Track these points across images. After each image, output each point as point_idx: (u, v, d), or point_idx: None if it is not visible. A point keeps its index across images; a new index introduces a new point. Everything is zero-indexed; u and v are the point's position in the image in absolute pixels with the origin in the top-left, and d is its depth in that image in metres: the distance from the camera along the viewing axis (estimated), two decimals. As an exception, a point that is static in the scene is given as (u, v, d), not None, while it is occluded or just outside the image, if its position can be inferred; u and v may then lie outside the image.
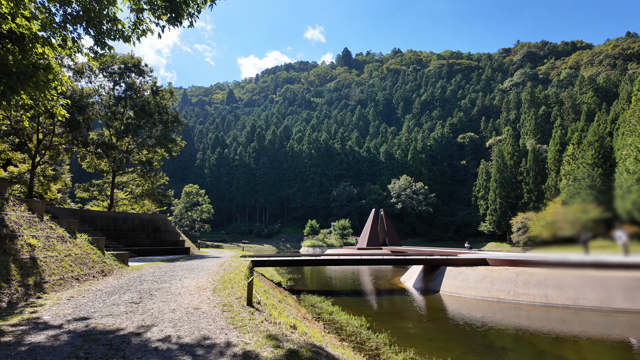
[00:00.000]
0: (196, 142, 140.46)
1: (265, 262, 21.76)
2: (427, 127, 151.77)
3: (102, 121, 33.91)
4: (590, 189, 66.53)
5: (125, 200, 37.71)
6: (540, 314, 15.65)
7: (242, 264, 17.61)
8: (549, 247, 19.78)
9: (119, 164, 32.84)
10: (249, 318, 6.31)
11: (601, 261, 15.36)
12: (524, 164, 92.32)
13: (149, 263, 17.34)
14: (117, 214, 28.93)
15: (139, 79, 34.55)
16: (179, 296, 8.39)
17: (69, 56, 11.83)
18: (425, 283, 21.67)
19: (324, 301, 16.52)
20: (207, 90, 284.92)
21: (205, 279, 11.46)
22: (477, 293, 18.15)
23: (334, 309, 14.55)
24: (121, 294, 8.59)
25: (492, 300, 17.42)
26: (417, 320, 14.47)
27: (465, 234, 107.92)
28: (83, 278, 10.10)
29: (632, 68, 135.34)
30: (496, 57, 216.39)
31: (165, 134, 33.26)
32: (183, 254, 27.74)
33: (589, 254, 17.26)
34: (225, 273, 12.92)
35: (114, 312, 6.70)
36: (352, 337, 10.66)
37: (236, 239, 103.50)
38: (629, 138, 57.45)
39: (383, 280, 27.59)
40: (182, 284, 10.27)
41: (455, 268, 20.54)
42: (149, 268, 14.56)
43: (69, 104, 25.58)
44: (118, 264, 13.43)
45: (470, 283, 18.75)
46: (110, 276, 11.36)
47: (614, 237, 15.59)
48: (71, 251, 11.02)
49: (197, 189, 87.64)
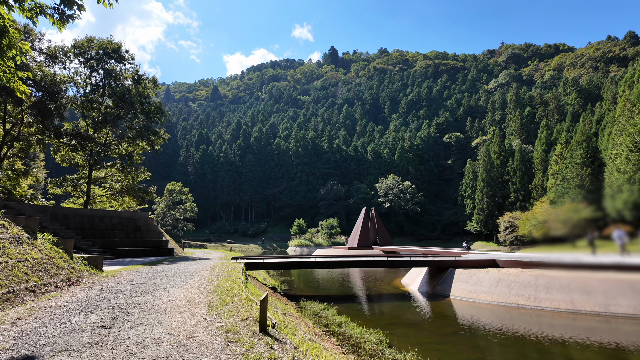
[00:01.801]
0: (179, 139, 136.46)
1: (260, 265, 19.76)
2: (413, 127, 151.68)
3: (77, 111, 31.19)
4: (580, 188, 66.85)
5: (104, 197, 35.02)
6: (566, 322, 14.23)
7: (236, 267, 15.62)
8: (540, 246, 18.77)
9: (96, 157, 30.24)
10: (268, 357, 4.44)
11: (629, 263, 14.00)
12: (511, 163, 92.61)
13: (128, 267, 15.19)
14: (93, 212, 26.45)
15: (119, 66, 31.99)
16: (164, 315, 6.45)
17: (29, 18, 9.61)
18: (433, 287, 20.09)
19: (327, 309, 14.71)
20: (190, 87, 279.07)
21: (196, 288, 9.48)
22: (492, 298, 16.66)
23: (342, 319, 12.76)
24: (88, 312, 6.60)
25: (511, 306, 15.95)
26: (439, 332, 12.82)
27: (451, 233, 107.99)
28: (42, 289, 8.03)
29: (613, 70, 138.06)
30: (481, 58, 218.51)
31: (148, 126, 30.78)
32: (167, 255, 25.49)
33: (596, 253, 16.13)
34: (219, 280, 10.94)
35: (73, 345, 4.75)
36: (375, 358, 8.89)
37: (221, 238, 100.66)
38: (619, 137, 57.57)
39: (382, 283, 25.95)
40: (169, 296, 8.30)
41: (465, 270, 19.03)
42: (128, 274, 12.45)
43: (30, 78, 22.86)
44: (89, 270, 11.29)
45: (485, 287, 17.26)
46: (78, 286, 9.28)
47: (612, 237, 14.59)
48: (28, 255, 8.91)
49: (180, 186, 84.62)
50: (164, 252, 25.81)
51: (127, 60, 32.09)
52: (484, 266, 19.65)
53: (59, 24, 8.58)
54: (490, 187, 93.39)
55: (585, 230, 14.27)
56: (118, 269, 13.89)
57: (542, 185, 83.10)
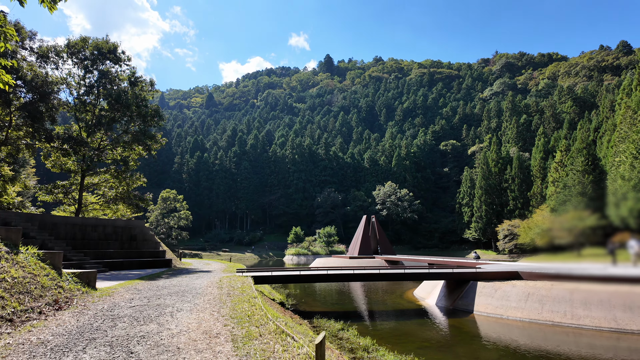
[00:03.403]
0: (174, 146, 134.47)
1: (268, 279, 18.20)
2: (409, 134, 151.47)
3: (69, 114, 29.60)
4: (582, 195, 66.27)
5: (96, 205, 33.27)
6: (609, 343, 12.92)
7: (245, 282, 14.13)
8: (543, 255, 18.02)
9: (89, 162, 28.57)
10: None
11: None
12: (509, 171, 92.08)
13: (125, 282, 13.63)
14: (85, 220, 24.76)
15: (114, 68, 30.53)
16: (179, 356, 5.02)
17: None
18: (453, 301, 18.71)
19: (346, 329, 13.26)
20: (185, 94, 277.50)
21: (209, 312, 8.03)
22: (523, 314, 15.32)
23: (367, 343, 11.32)
24: (79, 352, 5.14)
25: (545, 323, 14.62)
26: (478, 357, 11.43)
27: (449, 242, 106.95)
28: (22, 317, 6.55)
29: (607, 79, 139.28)
30: (476, 66, 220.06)
31: (144, 130, 29.24)
32: (164, 267, 23.86)
33: (617, 264, 15.01)
34: (233, 301, 9.46)
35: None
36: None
37: (216, 247, 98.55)
38: (622, 145, 57.07)
39: (393, 296, 24.48)
40: (178, 325, 6.85)
41: (488, 284, 17.69)
42: (125, 292, 10.93)
43: (14, 67, 21.28)
44: (81, 289, 9.76)
45: (513, 302, 15.93)
46: (68, 310, 7.78)
47: (626, 246, 13.11)
48: (6, 274, 7.41)
49: (174, 194, 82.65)
50: (161, 264, 24.18)
51: (124, 62, 30.65)
52: (506, 278, 18.35)
53: (49, 3, 7.21)
54: (488, 194, 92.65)
55: (591, 239, 13.62)
56: (113, 286, 12.34)
57: (541, 193, 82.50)
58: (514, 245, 76.87)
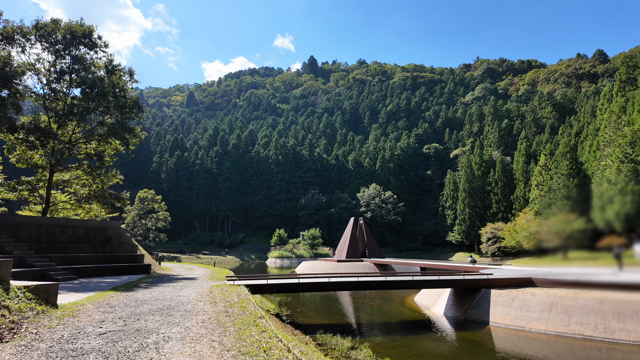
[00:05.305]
0: (153, 145, 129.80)
1: (263, 288, 16.18)
2: (393, 137, 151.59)
3: (37, 103, 26.79)
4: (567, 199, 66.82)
5: (67, 204, 30.43)
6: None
7: (240, 294, 12.15)
8: (528, 258, 17.38)
9: (58, 156, 25.80)
10: None
11: None
12: (492, 174, 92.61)
13: (95, 295, 11.44)
14: (53, 220, 22.15)
15: (90, 54, 27.90)
16: None
17: None
18: (464, 311, 17.21)
19: (357, 347, 11.51)
20: (165, 92, 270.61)
21: (207, 342, 6.07)
22: (547, 327, 13.94)
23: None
24: None
25: (574, 337, 13.25)
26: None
27: (432, 244, 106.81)
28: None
29: (584, 86, 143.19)
30: (457, 71, 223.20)
31: (122, 122, 26.73)
32: (142, 273, 21.51)
33: (623, 269, 14.17)
34: (235, 324, 7.47)
35: None
36: None
37: (195, 249, 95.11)
38: (607, 149, 57.68)
39: (393, 303, 22.85)
40: (167, 364, 4.93)
41: (504, 291, 16.26)
42: (94, 310, 8.81)
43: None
44: (35, 307, 7.62)
45: (534, 313, 14.55)
46: (12, 341, 5.72)
47: (633, 250, 12.56)
48: None
49: (152, 194, 79.08)
50: (138, 269, 21.81)
51: (100, 48, 28.06)
52: (520, 285, 17.04)
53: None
54: (472, 197, 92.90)
55: (580, 242, 13.55)
56: (81, 300, 10.16)
57: (524, 197, 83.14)
58: (497, 248, 76.91)
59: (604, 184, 54.31)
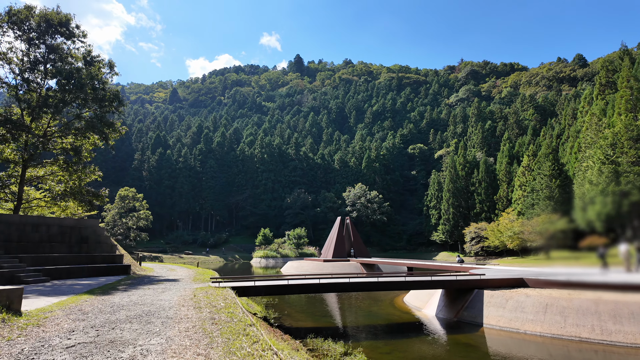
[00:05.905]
0: (134, 142, 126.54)
1: (250, 290, 15.40)
2: (379, 137, 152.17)
3: (9, 94, 25.30)
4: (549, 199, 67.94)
5: (42, 202, 28.92)
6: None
7: (226, 297, 11.40)
8: (512, 258, 17.44)
9: (32, 151, 24.40)
10: None
11: None
12: (476, 174, 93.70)
13: (67, 299, 10.51)
14: (24, 219, 20.84)
15: (67, 44, 26.50)
16: None
17: None
18: (456, 312, 16.85)
19: (349, 352, 10.93)
20: (148, 88, 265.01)
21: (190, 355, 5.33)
22: (542, 329, 13.66)
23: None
24: None
25: (571, 339, 12.99)
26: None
27: (417, 243, 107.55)
28: None
29: (565, 90, 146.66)
30: (442, 73, 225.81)
31: (101, 116, 25.47)
32: (122, 274, 20.45)
33: (608, 268, 14.24)
34: (223, 333, 6.71)
35: None
36: None
37: (178, 249, 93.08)
38: (589, 150, 58.79)
39: (382, 304, 22.38)
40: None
41: (497, 292, 15.97)
42: (64, 317, 7.94)
43: None
44: (-3, 315, 6.76)
45: (529, 314, 14.26)
46: (-37, 358, 4.91)
47: (618, 251, 12.75)
48: None
49: (134, 192, 77.04)
50: (117, 270, 20.74)
51: (78, 38, 26.68)
52: (513, 286, 16.79)
53: None
54: (456, 197, 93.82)
55: (563, 242, 13.72)
56: (49, 306, 9.23)
57: (507, 197, 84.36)
58: (481, 247, 77.72)
59: (586, 185, 55.33)
